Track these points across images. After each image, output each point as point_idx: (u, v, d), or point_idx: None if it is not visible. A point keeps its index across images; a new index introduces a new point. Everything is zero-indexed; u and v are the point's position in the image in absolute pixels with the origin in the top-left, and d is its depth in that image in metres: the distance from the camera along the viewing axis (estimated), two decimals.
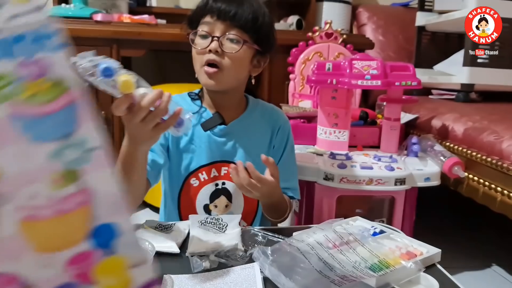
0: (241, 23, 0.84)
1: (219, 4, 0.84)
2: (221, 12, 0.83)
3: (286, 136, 1.00)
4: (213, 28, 0.84)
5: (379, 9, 2.38)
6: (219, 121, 0.91)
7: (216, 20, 0.84)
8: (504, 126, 1.25)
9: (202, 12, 0.86)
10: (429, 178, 1.27)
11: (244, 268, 0.70)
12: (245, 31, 0.85)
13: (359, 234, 0.83)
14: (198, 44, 0.86)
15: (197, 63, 0.87)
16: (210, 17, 0.84)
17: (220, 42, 0.84)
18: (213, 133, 0.92)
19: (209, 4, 0.85)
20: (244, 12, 0.84)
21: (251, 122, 0.95)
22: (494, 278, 1.45)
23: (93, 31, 1.65)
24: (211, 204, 0.95)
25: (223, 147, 0.92)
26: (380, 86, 1.29)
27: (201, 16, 0.86)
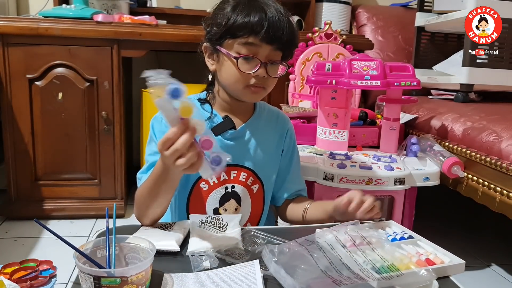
0: (284, 46, 0.86)
1: (266, 28, 0.81)
2: (268, 36, 0.82)
3: (293, 140, 1.02)
4: (257, 50, 0.84)
5: (379, 9, 2.38)
6: (230, 126, 0.91)
7: (261, 42, 0.83)
8: (503, 126, 1.25)
9: (247, 30, 0.82)
10: (428, 178, 1.28)
11: (244, 266, 0.70)
12: (284, 52, 0.87)
13: (377, 236, 0.83)
14: (242, 67, 0.85)
15: (241, 83, 0.86)
16: (255, 39, 0.82)
17: (265, 68, 0.85)
18: (224, 137, 0.92)
19: (254, 25, 0.81)
20: (286, 35, 0.84)
21: (258, 126, 0.96)
22: (494, 277, 1.46)
23: (93, 32, 1.66)
24: (221, 208, 0.95)
25: (232, 150, 0.90)
26: (379, 87, 1.30)
27: (245, 33, 0.83)
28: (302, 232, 0.93)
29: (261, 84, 0.87)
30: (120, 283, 0.58)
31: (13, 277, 0.69)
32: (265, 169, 0.95)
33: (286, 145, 1.00)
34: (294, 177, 1.02)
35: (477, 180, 1.26)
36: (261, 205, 0.99)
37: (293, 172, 1.01)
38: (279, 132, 0.99)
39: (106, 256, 0.66)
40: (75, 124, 1.72)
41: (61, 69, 1.68)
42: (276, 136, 0.98)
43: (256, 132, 0.95)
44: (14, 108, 1.67)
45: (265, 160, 0.95)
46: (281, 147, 0.99)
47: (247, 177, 0.93)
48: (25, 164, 1.72)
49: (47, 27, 1.63)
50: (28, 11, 2.14)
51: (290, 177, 1.01)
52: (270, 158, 0.96)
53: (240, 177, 0.92)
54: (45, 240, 1.55)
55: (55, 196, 1.76)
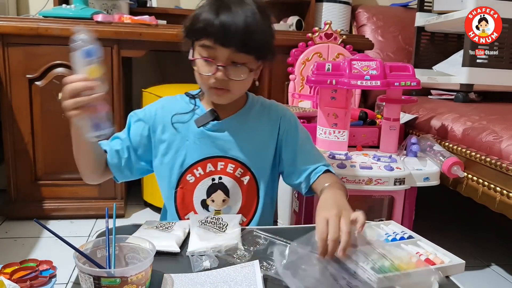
0: (246, 49, 0.82)
1: (221, 29, 0.79)
2: (225, 39, 0.80)
3: (293, 125, 0.98)
4: (215, 54, 0.82)
5: (379, 9, 2.38)
6: (211, 118, 0.91)
7: (216, 45, 0.81)
8: (503, 126, 1.25)
9: (202, 33, 0.82)
10: (428, 178, 1.28)
11: (244, 266, 0.70)
12: (249, 53, 0.83)
13: (377, 236, 0.83)
14: (201, 69, 0.85)
15: (203, 84, 0.87)
16: (212, 42, 0.81)
17: (225, 70, 0.83)
18: (207, 129, 0.92)
19: (209, 27, 0.80)
20: (247, 35, 0.80)
21: (248, 118, 0.95)
22: (493, 277, 1.46)
23: (93, 32, 1.65)
24: (208, 199, 0.95)
25: (218, 142, 0.92)
26: (379, 87, 1.30)
27: (201, 35, 0.82)
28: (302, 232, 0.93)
29: (223, 86, 0.85)
30: (120, 283, 0.58)
31: (13, 277, 0.69)
32: (256, 161, 0.94)
33: (282, 132, 0.96)
34: (304, 158, 0.95)
35: (477, 180, 1.26)
36: (254, 197, 0.97)
37: (300, 154, 0.95)
38: (271, 123, 0.96)
39: (106, 256, 0.66)
40: None
41: (61, 69, 1.68)
42: (267, 128, 0.96)
43: (245, 125, 0.94)
44: (14, 108, 1.67)
45: (256, 152, 0.93)
46: (274, 138, 0.96)
47: (235, 168, 0.92)
48: (25, 164, 1.72)
49: (47, 27, 1.63)
50: (28, 11, 2.14)
51: (300, 160, 0.95)
52: (261, 150, 0.95)
53: (228, 169, 0.92)
54: (45, 240, 1.55)
55: (55, 196, 1.77)
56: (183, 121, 0.93)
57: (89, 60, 0.69)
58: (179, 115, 0.93)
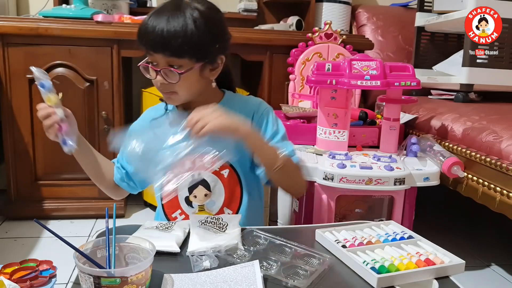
0: (175, 52, 0.86)
1: (149, 37, 0.86)
2: (154, 46, 0.86)
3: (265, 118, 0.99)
4: (154, 58, 0.88)
5: (379, 9, 2.38)
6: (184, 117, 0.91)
7: (150, 51, 0.88)
8: (503, 126, 1.25)
9: (141, 41, 0.89)
10: (428, 178, 1.28)
11: (244, 266, 0.70)
12: (181, 57, 0.87)
13: (377, 236, 0.83)
14: (147, 75, 0.91)
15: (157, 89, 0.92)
16: (145, 48, 0.88)
17: (163, 74, 0.88)
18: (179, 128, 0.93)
19: (144, 35, 0.87)
20: (175, 39, 0.84)
21: None
22: (493, 277, 1.46)
23: (93, 32, 1.66)
24: (191, 195, 0.98)
25: None
26: (379, 87, 1.30)
27: (140, 43, 0.90)
28: (303, 232, 0.93)
29: (167, 90, 0.90)
30: (120, 283, 0.59)
31: (13, 277, 0.69)
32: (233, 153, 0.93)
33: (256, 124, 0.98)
34: None
35: (477, 180, 1.26)
36: (238, 188, 0.99)
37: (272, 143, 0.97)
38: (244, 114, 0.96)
39: (106, 256, 0.66)
40: None
41: (61, 69, 1.68)
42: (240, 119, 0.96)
43: None
44: (14, 108, 1.67)
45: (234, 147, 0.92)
46: None
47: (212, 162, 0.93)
48: (25, 164, 1.72)
49: (47, 27, 1.63)
50: (28, 11, 2.14)
51: None
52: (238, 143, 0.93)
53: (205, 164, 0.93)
54: (45, 240, 1.55)
55: (55, 196, 1.77)
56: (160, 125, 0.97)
57: (44, 91, 0.82)
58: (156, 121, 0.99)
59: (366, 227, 0.89)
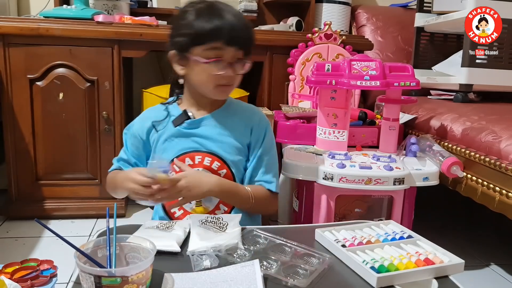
0: (245, 45, 0.96)
1: (227, 32, 0.92)
2: (230, 39, 0.93)
3: (263, 134, 1.06)
4: (222, 53, 0.94)
5: (378, 10, 2.39)
6: (184, 117, 1.02)
7: (225, 46, 0.93)
8: (502, 126, 1.26)
9: (211, 37, 0.93)
10: (427, 178, 1.28)
11: (244, 266, 0.71)
12: (247, 50, 0.97)
13: (376, 236, 0.84)
14: (213, 70, 0.95)
15: (211, 84, 0.97)
16: (219, 43, 0.93)
17: (232, 67, 0.96)
18: (183, 127, 1.01)
19: (218, 31, 0.92)
20: (245, 35, 0.96)
21: (223, 117, 1.03)
22: (493, 277, 1.46)
23: (94, 32, 1.66)
24: None
25: (194, 138, 1.01)
26: (379, 87, 1.30)
27: (209, 39, 0.93)
28: (302, 231, 0.94)
29: (229, 82, 0.98)
30: (121, 282, 0.59)
31: (14, 277, 0.69)
32: (232, 155, 1.02)
33: (253, 138, 1.05)
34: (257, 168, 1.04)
35: (476, 180, 1.27)
36: None
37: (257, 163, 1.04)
38: (245, 123, 1.05)
39: (107, 256, 0.66)
40: (75, 124, 1.72)
41: (61, 69, 1.69)
42: (242, 128, 1.04)
43: (221, 122, 1.03)
44: (15, 108, 1.68)
45: (231, 147, 1.02)
46: (247, 138, 1.04)
47: (211, 161, 1.00)
48: (26, 164, 1.72)
49: (48, 28, 1.63)
50: (29, 12, 2.14)
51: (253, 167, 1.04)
52: (236, 146, 1.02)
53: (205, 161, 1.00)
54: (46, 240, 1.55)
55: (56, 196, 1.77)
56: (162, 124, 1.03)
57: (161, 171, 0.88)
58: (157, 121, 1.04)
59: (366, 226, 0.89)
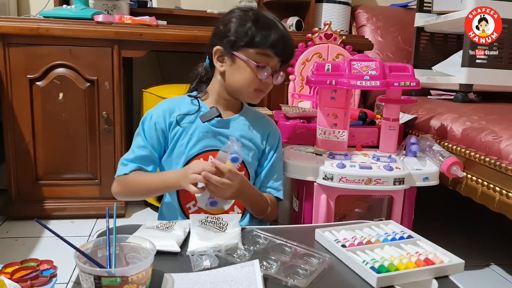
0: (288, 59, 1.03)
1: (282, 44, 0.99)
2: (280, 51, 0.99)
3: (277, 142, 1.14)
4: (269, 61, 0.99)
5: (378, 10, 2.38)
6: (216, 114, 1.03)
7: (274, 55, 0.99)
8: (502, 126, 1.26)
9: (266, 43, 0.97)
10: (427, 178, 1.28)
11: (244, 266, 0.71)
12: (285, 64, 1.03)
13: (377, 236, 0.84)
14: (260, 73, 0.99)
15: (252, 86, 1.01)
16: (271, 51, 0.98)
17: (281, 76, 1.03)
18: (212, 124, 1.03)
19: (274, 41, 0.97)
20: (291, 50, 1.04)
21: (246, 120, 1.08)
22: (493, 277, 1.46)
23: (94, 32, 1.66)
24: None
25: (220, 137, 1.04)
26: (379, 87, 1.30)
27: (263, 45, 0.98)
28: (302, 232, 0.94)
29: (266, 89, 1.03)
30: (121, 282, 0.59)
31: (14, 277, 0.69)
32: (250, 158, 1.07)
33: (269, 144, 1.11)
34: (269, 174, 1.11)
35: (476, 180, 1.27)
36: None
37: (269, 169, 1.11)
38: (263, 131, 1.11)
39: (107, 256, 0.66)
40: (75, 124, 1.72)
41: (61, 69, 1.69)
42: (259, 133, 1.10)
43: (242, 125, 1.07)
44: (14, 108, 1.68)
45: (251, 150, 1.07)
46: (263, 144, 1.10)
47: None
48: (26, 164, 1.72)
49: (48, 28, 1.63)
50: (28, 12, 2.14)
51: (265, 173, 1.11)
52: (254, 151, 1.08)
53: None
54: (45, 240, 1.55)
55: (55, 196, 1.77)
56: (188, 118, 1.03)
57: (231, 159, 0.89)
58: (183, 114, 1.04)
59: (366, 226, 0.89)
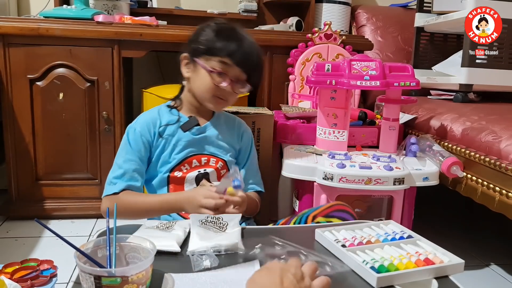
0: (250, 71, 1.03)
1: (240, 53, 1.00)
2: (240, 61, 1.00)
3: (250, 140, 1.19)
4: (228, 69, 1.01)
5: (378, 10, 2.38)
6: (195, 123, 1.09)
7: (233, 64, 1.00)
8: (502, 126, 1.26)
9: (224, 52, 0.99)
10: (427, 178, 1.28)
11: (244, 266, 0.71)
12: (250, 75, 1.04)
13: (376, 236, 0.84)
14: (215, 79, 1.01)
15: (210, 92, 1.03)
16: (230, 60, 1.00)
17: (233, 85, 1.02)
18: (192, 133, 1.08)
19: (233, 50, 0.99)
20: (254, 62, 1.03)
21: (218, 124, 1.13)
22: (493, 277, 1.46)
23: (94, 32, 1.66)
24: None
25: (200, 142, 1.09)
26: (379, 87, 1.30)
27: (223, 54, 0.99)
28: (302, 232, 0.94)
29: (225, 97, 1.04)
30: (121, 282, 0.59)
31: (14, 277, 0.69)
32: (228, 157, 1.12)
33: (243, 144, 1.17)
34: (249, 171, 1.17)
35: (476, 180, 1.27)
36: None
37: (249, 167, 1.17)
38: (236, 131, 1.17)
39: (107, 256, 0.66)
40: (76, 124, 1.72)
41: (61, 69, 1.69)
42: (233, 134, 1.15)
43: (217, 129, 1.12)
44: (15, 108, 1.68)
45: (228, 150, 1.13)
46: (238, 144, 1.16)
47: (216, 161, 1.10)
48: (26, 164, 1.72)
49: (48, 28, 1.63)
50: (29, 12, 2.14)
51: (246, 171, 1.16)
52: (231, 149, 1.13)
53: (210, 162, 1.10)
54: (46, 240, 1.55)
55: (56, 196, 1.77)
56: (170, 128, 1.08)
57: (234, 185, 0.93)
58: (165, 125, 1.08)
59: (366, 226, 0.89)
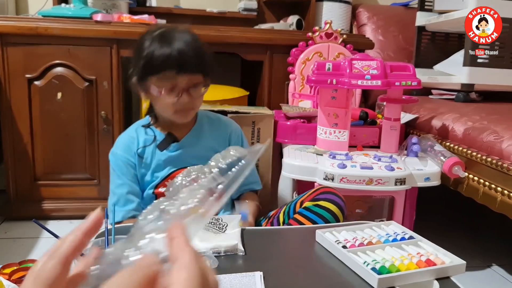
0: (198, 70, 0.97)
1: (180, 58, 0.93)
2: (181, 68, 0.94)
3: (240, 139, 1.15)
4: (176, 81, 0.95)
5: (379, 9, 2.38)
6: (171, 141, 1.05)
7: (176, 75, 0.94)
8: (504, 126, 1.25)
9: (163, 66, 0.94)
10: (429, 178, 1.28)
11: (245, 276, 0.70)
12: (202, 72, 0.98)
13: (378, 237, 0.83)
14: (166, 99, 0.96)
15: (170, 110, 0.99)
16: (172, 72, 0.94)
17: (188, 93, 0.97)
18: (169, 151, 1.05)
19: (169, 60, 0.93)
20: (196, 60, 0.96)
21: (201, 132, 1.09)
22: (494, 278, 1.46)
23: (93, 31, 1.65)
24: None
25: (180, 158, 1.05)
26: (380, 86, 1.29)
27: (161, 69, 0.94)
28: (303, 232, 0.93)
29: (188, 107, 0.99)
30: None
31: (12, 278, 0.69)
32: None
33: (233, 144, 1.12)
34: None
35: (478, 180, 1.26)
36: None
37: None
38: (222, 135, 1.12)
39: None
40: (74, 124, 1.71)
41: (60, 68, 1.68)
42: (221, 137, 1.11)
43: (199, 138, 1.08)
44: (13, 108, 1.67)
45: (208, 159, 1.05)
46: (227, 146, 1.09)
47: None
48: (24, 164, 1.71)
49: (46, 27, 1.62)
50: (27, 11, 2.13)
51: None
52: None
53: None
54: (44, 241, 1.55)
55: (54, 196, 1.76)
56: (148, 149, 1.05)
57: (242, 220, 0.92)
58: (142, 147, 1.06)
59: (367, 227, 0.88)
